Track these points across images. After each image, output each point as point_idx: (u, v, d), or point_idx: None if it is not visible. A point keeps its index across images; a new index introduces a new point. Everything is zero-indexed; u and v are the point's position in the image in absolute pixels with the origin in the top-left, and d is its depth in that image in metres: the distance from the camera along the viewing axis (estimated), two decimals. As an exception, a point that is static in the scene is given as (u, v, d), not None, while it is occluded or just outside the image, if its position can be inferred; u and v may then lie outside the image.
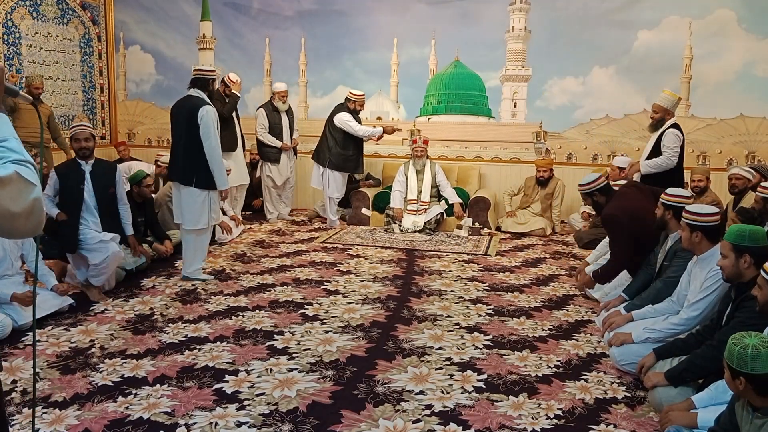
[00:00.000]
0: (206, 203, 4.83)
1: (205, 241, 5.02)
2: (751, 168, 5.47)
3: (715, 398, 2.51)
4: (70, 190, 4.48)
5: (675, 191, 3.72)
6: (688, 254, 3.37)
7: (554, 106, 7.61)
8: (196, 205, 4.80)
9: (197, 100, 4.75)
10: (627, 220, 4.00)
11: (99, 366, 3.34)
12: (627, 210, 4.04)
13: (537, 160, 7.34)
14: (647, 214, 3.87)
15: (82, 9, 8.34)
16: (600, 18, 7.27)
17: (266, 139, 7.16)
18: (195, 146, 4.69)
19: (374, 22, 8.00)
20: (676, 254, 3.58)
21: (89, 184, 4.52)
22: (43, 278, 4.20)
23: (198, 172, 4.73)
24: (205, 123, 4.66)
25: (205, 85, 4.86)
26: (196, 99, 4.77)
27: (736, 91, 6.95)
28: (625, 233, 4.02)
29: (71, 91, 8.24)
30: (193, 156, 4.71)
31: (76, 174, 4.51)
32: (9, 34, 7.26)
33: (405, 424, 2.78)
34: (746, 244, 2.69)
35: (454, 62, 7.91)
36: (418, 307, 4.40)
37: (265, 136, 7.15)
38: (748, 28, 6.85)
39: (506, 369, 3.39)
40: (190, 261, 4.94)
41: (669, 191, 3.73)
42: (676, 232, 3.55)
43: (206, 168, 4.72)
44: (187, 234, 4.92)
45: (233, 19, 8.53)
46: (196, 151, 4.69)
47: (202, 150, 4.69)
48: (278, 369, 3.33)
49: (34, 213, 1.22)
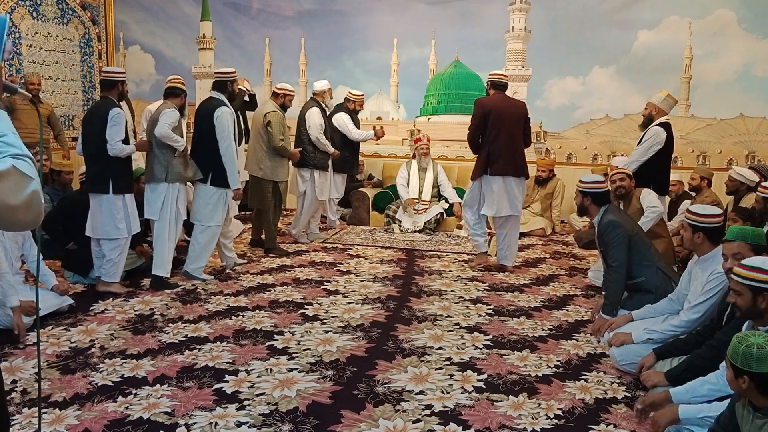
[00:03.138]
0: (221, 201, 4.96)
1: (214, 241, 5.08)
2: (751, 168, 5.47)
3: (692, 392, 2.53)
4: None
5: (590, 178, 3.99)
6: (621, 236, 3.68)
7: (554, 106, 7.61)
8: (210, 202, 4.93)
9: (215, 102, 4.94)
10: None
11: (99, 366, 3.34)
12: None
13: (538, 160, 7.34)
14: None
15: (82, 9, 8.34)
16: (600, 18, 7.28)
17: (323, 142, 6.26)
18: (211, 145, 4.85)
19: (374, 22, 8.01)
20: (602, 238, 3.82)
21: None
22: (43, 278, 4.19)
23: (213, 170, 4.89)
24: (219, 123, 4.81)
25: (224, 86, 5.01)
26: (214, 100, 4.96)
27: (736, 91, 6.96)
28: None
29: (71, 91, 8.24)
30: (209, 155, 4.87)
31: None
32: (9, 34, 7.24)
33: (405, 424, 2.78)
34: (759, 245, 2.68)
35: (454, 62, 7.91)
36: (418, 307, 4.40)
37: (322, 138, 6.24)
38: (748, 28, 6.85)
39: (506, 369, 3.39)
40: (195, 258, 4.98)
41: (583, 178, 4.00)
42: (597, 216, 3.90)
43: (221, 167, 4.86)
44: (199, 231, 4.99)
45: (233, 19, 8.54)
46: (211, 150, 4.85)
47: (218, 149, 4.83)
48: (278, 369, 3.33)
49: (33, 205, 1.27)
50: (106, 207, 4.46)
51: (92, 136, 4.45)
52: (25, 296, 3.91)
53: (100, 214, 4.48)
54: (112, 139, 4.37)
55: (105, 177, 4.43)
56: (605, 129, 7.47)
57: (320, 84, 6.45)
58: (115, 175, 4.45)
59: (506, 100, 5.28)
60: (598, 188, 3.90)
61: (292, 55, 8.37)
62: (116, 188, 4.45)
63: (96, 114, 4.49)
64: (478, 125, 5.22)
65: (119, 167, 4.48)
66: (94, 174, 4.49)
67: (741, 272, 2.39)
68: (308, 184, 6.26)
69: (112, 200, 4.46)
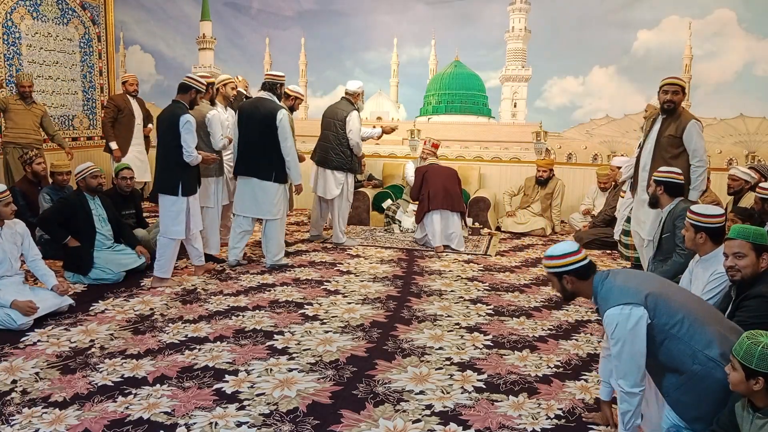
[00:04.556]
0: (284, 195, 5.33)
1: (284, 229, 5.46)
2: (751, 168, 5.47)
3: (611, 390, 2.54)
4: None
5: (667, 168, 4.02)
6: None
7: (554, 106, 7.61)
8: (275, 198, 5.23)
9: (273, 104, 5.19)
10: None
11: (99, 366, 3.34)
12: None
13: (538, 160, 7.34)
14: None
15: (82, 9, 8.34)
16: (600, 18, 7.27)
17: (361, 146, 6.19)
18: (273, 146, 5.13)
19: (374, 22, 8.00)
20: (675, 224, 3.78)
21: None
22: (44, 278, 4.20)
23: (276, 168, 5.18)
24: (282, 125, 5.11)
25: (274, 88, 5.27)
26: (270, 102, 5.21)
27: (736, 91, 6.95)
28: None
29: (71, 91, 8.23)
30: (271, 154, 5.15)
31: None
32: (9, 34, 7.25)
33: (405, 424, 2.78)
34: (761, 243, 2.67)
35: (454, 62, 7.91)
36: (418, 307, 4.40)
37: (361, 143, 6.17)
38: (748, 28, 6.85)
39: (506, 369, 3.39)
40: (275, 250, 5.35)
41: (661, 169, 4.05)
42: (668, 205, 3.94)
43: (283, 165, 5.18)
44: (272, 225, 5.30)
45: (233, 19, 8.54)
46: (273, 150, 5.13)
47: (278, 148, 5.12)
48: (278, 369, 3.33)
49: None
50: (171, 207, 4.70)
51: (161, 140, 4.76)
52: (25, 296, 3.92)
53: (165, 213, 4.75)
54: (189, 146, 4.62)
55: (175, 180, 4.66)
56: (605, 129, 7.46)
57: (354, 85, 6.21)
58: (184, 178, 4.69)
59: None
60: (675, 179, 3.95)
61: (292, 55, 8.37)
62: (185, 191, 4.70)
63: (166, 119, 4.71)
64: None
65: (190, 171, 4.74)
66: (165, 176, 4.71)
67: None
68: (343, 186, 6.18)
69: (179, 202, 4.69)
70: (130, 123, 7.32)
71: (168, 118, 4.65)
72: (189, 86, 4.72)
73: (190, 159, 4.64)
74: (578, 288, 2.54)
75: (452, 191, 6.24)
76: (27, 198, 5.48)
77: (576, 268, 2.49)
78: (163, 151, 4.73)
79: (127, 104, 7.30)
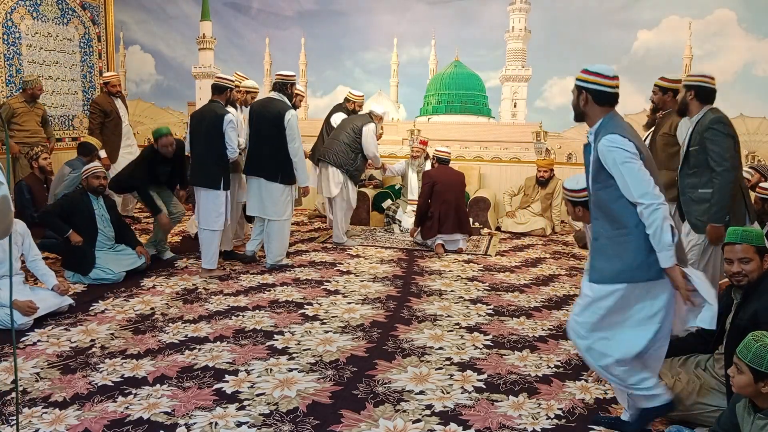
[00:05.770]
0: (290, 197, 5.34)
1: (288, 230, 5.45)
2: (750, 168, 5.47)
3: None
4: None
5: (698, 73, 3.74)
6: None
7: (554, 106, 7.60)
8: (281, 198, 5.24)
9: (282, 104, 5.17)
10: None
11: (99, 366, 3.34)
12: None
13: (538, 160, 7.34)
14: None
15: (82, 9, 8.34)
16: (600, 18, 7.27)
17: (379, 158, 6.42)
18: (280, 146, 5.12)
19: (374, 22, 8.00)
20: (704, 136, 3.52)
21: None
22: (44, 278, 4.20)
23: (283, 169, 5.18)
24: (290, 126, 5.10)
25: (284, 88, 5.25)
26: (279, 102, 5.19)
27: (736, 91, 6.95)
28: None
29: (71, 91, 8.23)
30: (278, 155, 5.13)
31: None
32: (9, 34, 7.26)
33: (405, 424, 2.78)
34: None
35: (454, 62, 7.91)
36: (418, 307, 4.40)
37: (378, 154, 6.35)
38: (748, 28, 6.85)
39: (506, 369, 3.39)
40: (277, 251, 5.35)
41: (692, 73, 3.82)
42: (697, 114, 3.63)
43: (290, 166, 5.16)
44: (275, 226, 5.28)
45: (233, 19, 8.54)
46: (280, 150, 5.12)
47: (286, 149, 5.11)
48: (278, 369, 3.33)
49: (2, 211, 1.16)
50: (213, 201, 4.93)
51: (202, 137, 4.93)
52: (24, 296, 3.92)
53: (207, 206, 4.95)
54: (233, 143, 4.88)
55: (218, 175, 4.91)
56: (605, 129, 7.45)
57: (380, 109, 6.46)
58: (225, 174, 4.96)
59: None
60: (706, 83, 3.64)
61: (292, 55, 8.37)
62: (225, 185, 4.95)
63: (206, 117, 4.93)
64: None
65: (228, 166, 5.01)
66: (207, 172, 4.92)
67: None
68: (342, 187, 6.18)
69: (220, 195, 4.93)
70: (118, 127, 6.90)
71: (210, 117, 4.88)
72: (225, 87, 5.02)
73: (234, 155, 4.92)
74: (590, 110, 2.70)
75: (462, 212, 6.07)
76: (32, 193, 5.53)
77: (599, 89, 2.62)
78: (203, 149, 4.92)
79: (112, 107, 6.84)
